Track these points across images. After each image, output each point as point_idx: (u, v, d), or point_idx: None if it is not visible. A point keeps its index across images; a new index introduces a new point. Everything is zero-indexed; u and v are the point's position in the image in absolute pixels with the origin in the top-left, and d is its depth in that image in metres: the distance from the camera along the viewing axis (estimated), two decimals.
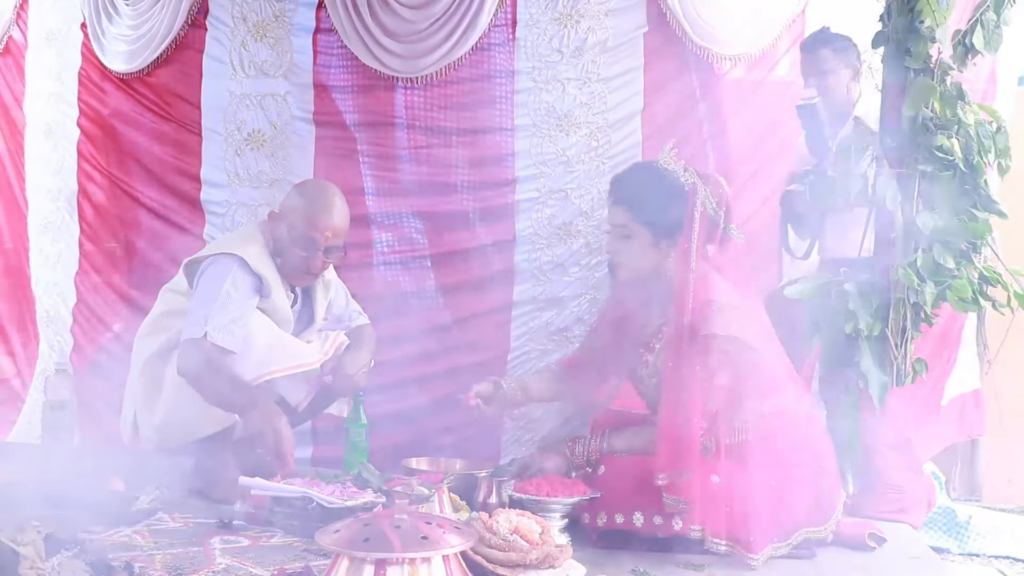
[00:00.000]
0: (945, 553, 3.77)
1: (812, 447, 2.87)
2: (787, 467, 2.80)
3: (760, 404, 2.79)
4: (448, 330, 4.45)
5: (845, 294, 3.34)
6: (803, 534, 2.79)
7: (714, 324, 2.76)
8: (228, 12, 4.66)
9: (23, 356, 5.11)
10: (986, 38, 3.31)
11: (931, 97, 3.29)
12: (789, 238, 4.04)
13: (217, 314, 3.13)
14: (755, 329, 2.83)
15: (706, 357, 2.75)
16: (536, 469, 3.03)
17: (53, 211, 5.00)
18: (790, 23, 4.19)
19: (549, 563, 2.43)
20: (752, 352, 2.79)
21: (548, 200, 4.36)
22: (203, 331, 3.11)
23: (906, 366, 3.35)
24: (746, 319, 2.82)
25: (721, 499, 2.73)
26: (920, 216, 3.29)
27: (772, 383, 2.84)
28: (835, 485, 2.89)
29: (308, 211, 3.29)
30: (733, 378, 2.76)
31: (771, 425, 2.81)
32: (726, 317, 2.78)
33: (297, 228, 3.29)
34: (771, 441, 2.79)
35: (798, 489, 2.80)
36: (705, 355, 2.76)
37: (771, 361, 2.86)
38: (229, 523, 2.90)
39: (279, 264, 3.35)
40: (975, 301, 3.33)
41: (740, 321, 2.80)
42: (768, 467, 2.78)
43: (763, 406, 2.80)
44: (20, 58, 5.10)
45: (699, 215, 2.87)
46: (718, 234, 2.90)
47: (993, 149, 3.31)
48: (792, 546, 2.77)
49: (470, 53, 4.39)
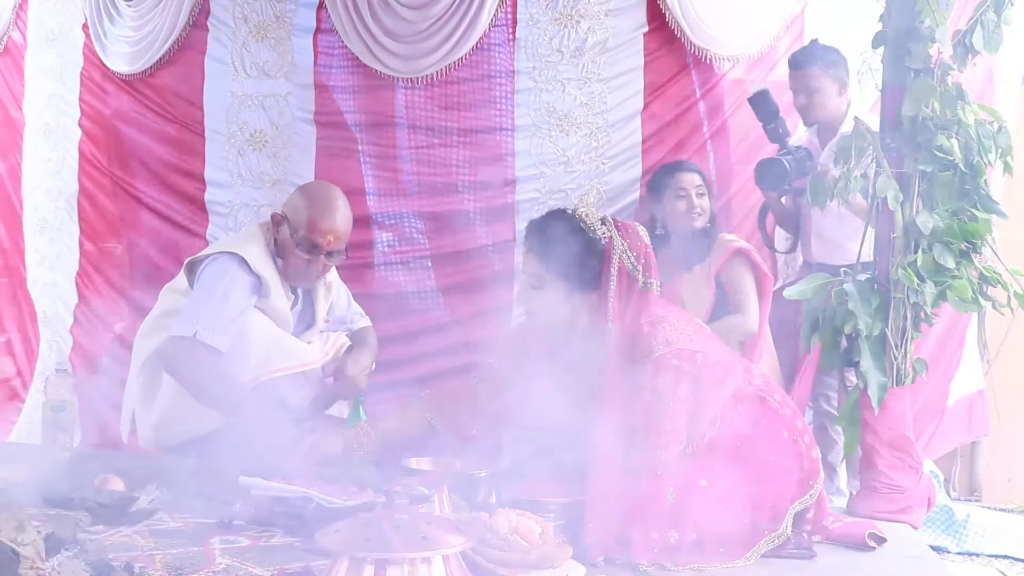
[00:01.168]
0: (943, 552, 3.77)
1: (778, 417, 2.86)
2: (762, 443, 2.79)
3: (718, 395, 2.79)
4: (448, 330, 4.45)
5: (845, 294, 3.34)
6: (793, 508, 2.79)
7: (655, 346, 2.73)
8: (229, 13, 4.68)
9: (23, 356, 5.12)
10: (986, 38, 3.30)
11: (931, 97, 3.28)
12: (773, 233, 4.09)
13: (209, 313, 3.13)
14: (688, 329, 2.83)
15: (658, 378, 2.71)
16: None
17: (52, 211, 5.01)
18: (789, 24, 4.21)
19: (549, 563, 2.43)
20: (698, 354, 2.78)
21: (548, 200, 4.37)
22: (193, 329, 3.10)
23: (906, 366, 3.35)
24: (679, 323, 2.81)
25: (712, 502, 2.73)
26: (920, 216, 3.29)
27: (723, 371, 2.83)
28: (811, 445, 2.87)
29: (311, 214, 3.27)
30: (691, 386, 2.75)
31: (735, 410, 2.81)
32: (662, 332, 2.75)
33: (300, 231, 3.27)
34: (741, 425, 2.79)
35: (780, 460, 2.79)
36: (657, 377, 2.72)
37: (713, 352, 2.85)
38: (229, 523, 2.90)
39: (281, 265, 3.34)
40: (975, 301, 3.33)
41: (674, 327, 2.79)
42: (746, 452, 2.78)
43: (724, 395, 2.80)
44: (19, 58, 5.12)
45: (616, 271, 2.79)
46: (636, 288, 2.81)
47: (994, 149, 3.31)
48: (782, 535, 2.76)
49: (470, 53, 4.40)
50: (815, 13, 4.20)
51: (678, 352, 2.74)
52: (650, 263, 2.84)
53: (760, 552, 2.71)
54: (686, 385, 2.74)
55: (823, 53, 3.91)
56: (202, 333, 3.10)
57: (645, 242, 2.86)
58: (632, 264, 2.81)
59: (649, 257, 2.85)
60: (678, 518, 2.70)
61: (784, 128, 3.81)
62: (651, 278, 2.84)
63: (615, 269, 2.79)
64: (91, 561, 2.15)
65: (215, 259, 3.24)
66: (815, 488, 2.84)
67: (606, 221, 2.87)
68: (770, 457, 2.79)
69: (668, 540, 2.67)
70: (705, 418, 2.77)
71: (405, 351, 4.40)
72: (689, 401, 2.74)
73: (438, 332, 4.45)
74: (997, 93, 4.11)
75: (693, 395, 2.75)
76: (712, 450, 2.77)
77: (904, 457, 3.36)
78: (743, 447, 2.79)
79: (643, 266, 2.82)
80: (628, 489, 2.70)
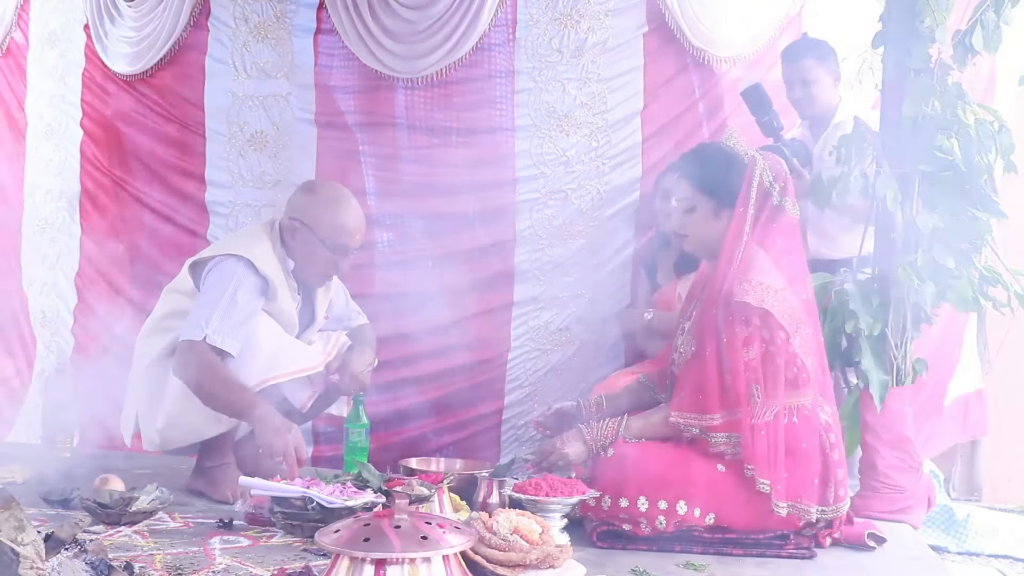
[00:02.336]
0: (943, 552, 3.77)
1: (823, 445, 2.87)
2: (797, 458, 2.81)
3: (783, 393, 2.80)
4: (449, 330, 4.45)
5: (845, 294, 3.34)
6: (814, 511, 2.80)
7: (748, 295, 2.81)
8: (230, 13, 4.68)
9: (22, 356, 5.12)
10: (986, 38, 3.31)
11: (931, 97, 3.29)
12: None
13: (218, 317, 3.13)
14: (788, 311, 2.85)
15: (733, 325, 2.82)
16: (558, 455, 3.03)
17: (53, 212, 5.02)
18: (786, 24, 4.21)
19: (549, 563, 2.43)
20: (782, 332, 2.81)
21: (548, 200, 4.37)
22: (202, 333, 3.10)
23: (906, 366, 3.35)
24: (783, 302, 2.84)
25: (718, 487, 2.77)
26: (920, 216, 3.29)
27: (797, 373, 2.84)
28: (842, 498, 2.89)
29: (336, 218, 3.30)
30: (764, 356, 2.79)
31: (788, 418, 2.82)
32: (761, 293, 2.82)
33: (327, 234, 3.29)
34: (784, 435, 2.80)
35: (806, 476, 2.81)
36: (732, 322, 2.82)
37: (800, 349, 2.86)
38: (229, 523, 2.90)
39: (295, 267, 3.35)
40: (975, 301, 3.34)
41: (776, 299, 2.83)
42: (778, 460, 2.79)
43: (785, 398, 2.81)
44: (21, 59, 5.12)
45: (756, 184, 2.97)
46: (769, 203, 2.97)
47: (994, 149, 3.31)
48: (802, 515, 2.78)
49: (470, 53, 4.40)
50: (812, 14, 4.20)
51: (764, 313, 2.82)
52: (787, 186, 3.01)
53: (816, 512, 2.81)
54: (756, 348, 2.79)
55: (815, 45, 3.92)
56: (212, 336, 3.11)
57: (785, 168, 3.05)
58: (771, 182, 2.99)
59: (787, 181, 3.02)
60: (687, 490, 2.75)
61: (778, 121, 3.81)
62: (787, 196, 3.00)
63: (756, 183, 2.98)
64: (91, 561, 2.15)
65: (221, 261, 3.23)
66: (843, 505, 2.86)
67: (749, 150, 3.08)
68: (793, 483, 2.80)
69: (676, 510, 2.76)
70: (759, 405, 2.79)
71: (405, 351, 4.40)
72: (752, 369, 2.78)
73: (438, 332, 4.45)
74: (997, 93, 4.11)
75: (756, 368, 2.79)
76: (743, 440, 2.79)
77: (904, 457, 3.36)
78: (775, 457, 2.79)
79: (781, 186, 3.00)
80: None
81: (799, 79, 3.93)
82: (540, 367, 4.39)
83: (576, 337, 4.37)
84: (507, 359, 4.42)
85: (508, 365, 4.42)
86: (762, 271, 2.87)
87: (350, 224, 3.31)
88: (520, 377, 4.42)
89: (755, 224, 2.96)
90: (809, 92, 3.93)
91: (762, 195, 2.98)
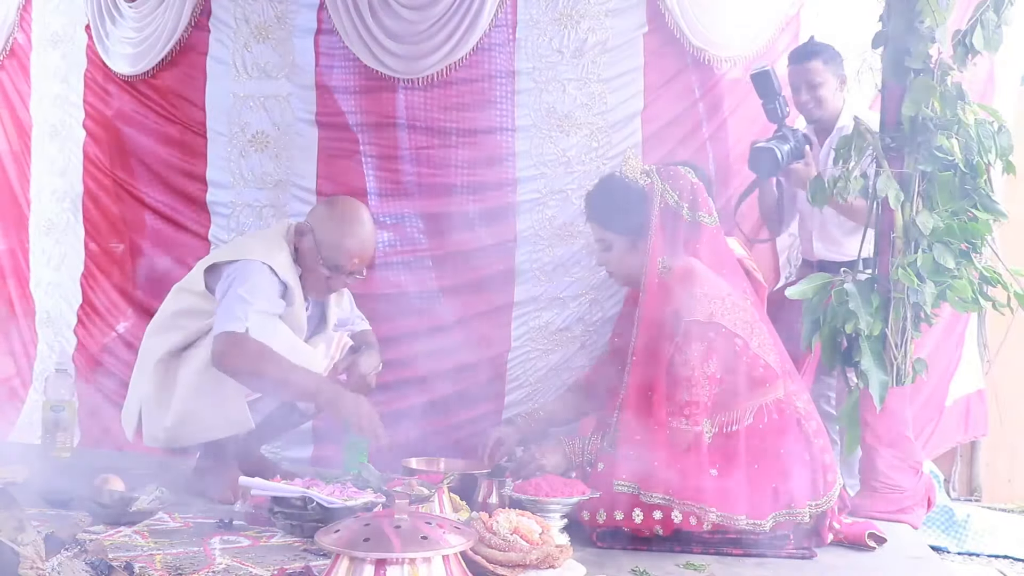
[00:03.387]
0: (943, 552, 3.77)
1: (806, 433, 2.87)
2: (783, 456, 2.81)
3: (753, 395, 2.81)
4: (449, 330, 4.45)
5: (845, 294, 3.34)
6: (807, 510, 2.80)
7: (696, 312, 2.80)
8: (230, 14, 4.68)
9: (23, 356, 5.13)
10: (986, 38, 3.30)
11: (931, 97, 3.29)
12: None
13: (255, 311, 3.17)
14: (740, 316, 2.85)
15: (689, 343, 2.80)
16: (535, 466, 3.04)
17: (58, 212, 5.03)
18: (785, 25, 4.21)
19: (549, 563, 2.43)
20: (738, 339, 2.80)
21: (549, 201, 4.36)
22: (244, 325, 3.13)
23: (906, 366, 3.35)
24: (731, 308, 2.84)
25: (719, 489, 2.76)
26: (920, 216, 3.29)
27: (763, 372, 2.85)
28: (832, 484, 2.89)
29: (338, 235, 3.33)
30: (722, 368, 2.79)
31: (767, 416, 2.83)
32: (708, 306, 2.81)
33: (325, 249, 3.32)
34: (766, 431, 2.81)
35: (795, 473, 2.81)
36: (688, 340, 2.80)
37: (761, 349, 2.87)
38: (229, 523, 2.91)
39: (300, 275, 3.38)
40: (975, 301, 3.34)
41: (724, 308, 2.82)
42: (764, 457, 2.79)
43: (757, 397, 2.81)
44: (25, 60, 5.13)
45: (659, 210, 2.97)
46: (682, 222, 2.98)
47: (994, 149, 3.31)
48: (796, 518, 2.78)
49: (471, 54, 4.40)
50: (811, 14, 4.19)
51: (716, 327, 2.81)
52: (697, 199, 3.00)
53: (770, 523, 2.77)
54: (717, 362, 2.79)
55: (822, 48, 3.91)
56: (253, 329, 3.13)
57: (690, 180, 3.03)
58: (675, 200, 2.98)
59: (697, 193, 3.01)
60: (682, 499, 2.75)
61: (783, 109, 3.80)
62: (700, 211, 2.99)
63: (658, 209, 2.98)
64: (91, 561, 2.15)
65: (247, 264, 3.26)
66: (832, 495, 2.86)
67: (648, 172, 3.07)
68: (785, 479, 2.80)
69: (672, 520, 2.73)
70: (734, 410, 2.80)
71: (406, 351, 4.40)
72: (716, 383, 2.78)
73: (439, 333, 4.46)
74: (997, 93, 4.11)
75: (722, 378, 2.79)
76: (732, 445, 2.80)
77: (904, 457, 3.36)
78: (762, 456, 2.80)
79: (689, 202, 2.99)
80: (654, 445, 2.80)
81: (806, 82, 3.92)
82: (541, 367, 4.38)
83: (577, 337, 4.36)
84: (507, 359, 4.42)
85: (508, 365, 4.41)
86: (704, 282, 2.88)
87: (350, 245, 3.33)
88: (520, 377, 4.42)
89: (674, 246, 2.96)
90: (816, 95, 3.92)
91: (670, 217, 2.98)
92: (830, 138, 3.94)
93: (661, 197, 2.98)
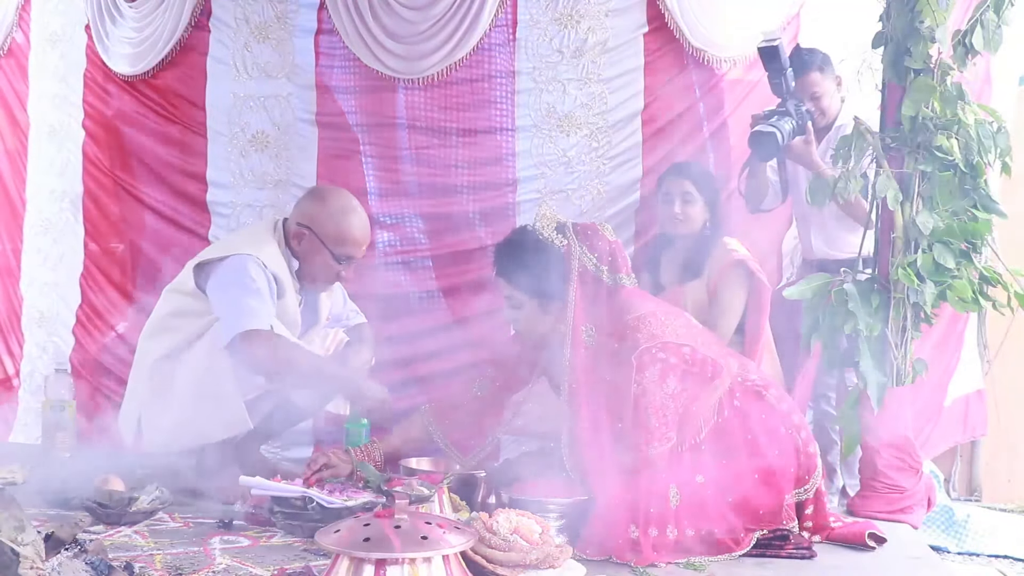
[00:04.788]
0: (943, 552, 3.77)
1: (776, 411, 2.87)
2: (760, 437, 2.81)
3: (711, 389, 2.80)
4: (449, 330, 4.45)
5: (845, 294, 3.34)
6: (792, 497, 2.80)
7: (640, 342, 2.76)
8: (231, 14, 4.68)
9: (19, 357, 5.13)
10: (986, 38, 3.30)
11: (931, 97, 3.28)
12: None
13: (265, 306, 3.18)
14: (676, 324, 2.84)
15: (643, 371, 2.74)
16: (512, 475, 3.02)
17: (56, 212, 5.02)
18: (785, 25, 4.20)
19: (549, 563, 2.43)
20: (686, 347, 2.79)
21: (549, 201, 4.35)
22: (268, 323, 3.14)
23: (906, 366, 3.35)
24: (666, 318, 2.83)
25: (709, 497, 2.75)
26: (920, 216, 3.29)
27: (714, 367, 2.84)
28: (808, 440, 2.88)
29: (343, 228, 3.34)
30: (679, 381, 2.76)
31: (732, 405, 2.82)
32: (647, 327, 2.78)
33: (332, 243, 3.34)
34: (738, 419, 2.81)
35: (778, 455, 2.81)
36: (642, 369, 2.74)
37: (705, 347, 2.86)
38: (229, 523, 2.91)
39: (298, 268, 3.38)
40: (975, 301, 3.33)
41: (661, 322, 2.80)
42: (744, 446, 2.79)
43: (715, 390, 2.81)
44: (23, 60, 5.12)
45: (576, 276, 2.85)
46: (603, 288, 2.87)
47: (993, 149, 3.31)
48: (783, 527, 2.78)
49: (471, 54, 4.40)
50: (810, 14, 4.19)
51: (664, 345, 2.76)
52: (617, 259, 2.87)
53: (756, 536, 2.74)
54: (674, 379, 2.75)
55: (812, 56, 3.88)
56: (277, 326, 3.17)
57: (608, 239, 2.88)
58: (595, 264, 2.85)
59: (615, 253, 2.87)
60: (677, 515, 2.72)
61: (789, 84, 3.73)
62: (620, 273, 2.86)
63: (575, 274, 2.83)
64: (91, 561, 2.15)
65: (237, 259, 3.25)
66: (812, 482, 2.86)
67: (563, 228, 2.90)
68: (767, 453, 2.81)
69: (667, 536, 2.69)
70: (699, 415, 2.79)
71: (406, 351, 4.40)
72: (678, 397, 2.75)
73: (439, 332, 4.46)
74: (996, 93, 4.10)
75: (682, 390, 2.76)
76: (708, 445, 2.79)
77: (904, 457, 3.36)
78: (740, 442, 2.81)
79: (608, 264, 2.86)
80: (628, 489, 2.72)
81: (808, 93, 3.89)
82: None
83: None
84: None
85: None
86: (629, 308, 2.83)
87: (356, 235, 3.36)
88: None
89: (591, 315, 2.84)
90: (820, 106, 3.90)
91: (590, 283, 2.86)
92: (827, 137, 3.93)
93: (579, 261, 2.85)
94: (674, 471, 2.75)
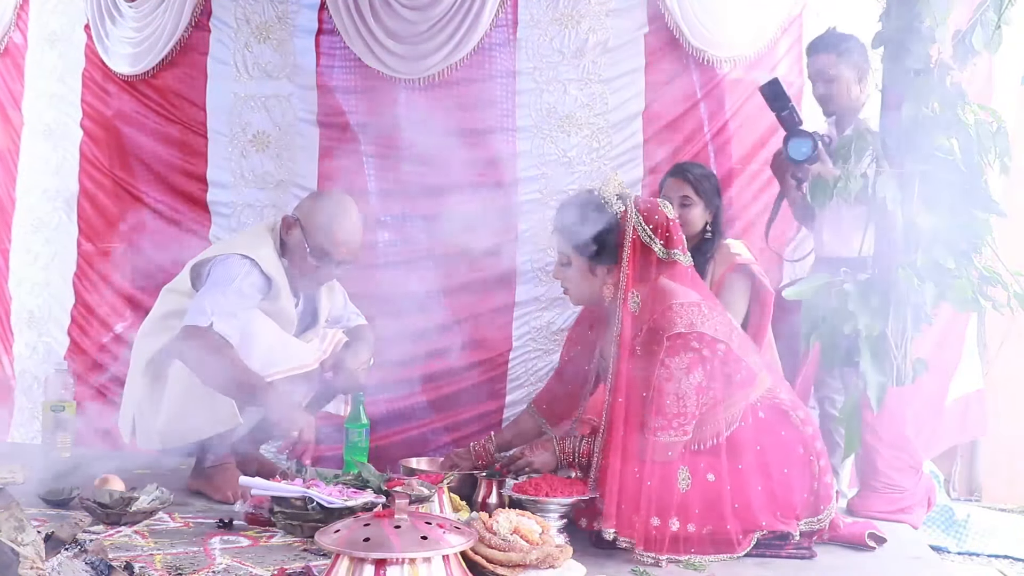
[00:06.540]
0: (943, 552, 3.77)
1: (798, 433, 2.87)
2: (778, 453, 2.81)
3: (740, 397, 2.81)
4: (450, 330, 4.45)
5: (845, 294, 3.33)
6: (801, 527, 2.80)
7: (677, 324, 2.76)
8: (231, 14, 4.69)
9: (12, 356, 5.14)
10: (986, 38, 3.30)
11: (931, 97, 3.28)
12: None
13: (224, 304, 3.15)
14: (719, 321, 2.84)
15: (674, 355, 2.75)
16: (524, 463, 3.03)
17: (48, 212, 5.03)
18: (787, 25, 4.20)
19: (549, 563, 2.43)
20: (720, 344, 2.79)
21: (550, 201, 4.37)
22: (208, 320, 3.11)
23: (906, 366, 3.35)
24: (710, 312, 2.83)
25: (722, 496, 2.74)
26: (920, 216, 3.29)
27: (748, 374, 2.84)
28: (826, 470, 2.88)
29: (326, 224, 3.31)
30: (707, 375, 2.77)
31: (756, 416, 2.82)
32: (688, 315, 2.78)
33: (313, 238, 3.31)
34: (759, 431, 2.80)
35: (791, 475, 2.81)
36: (673, 354, 2.75)
37: (741, 351, 2.86)
38: (229, 523, 2.91)
39: (288, 267, 3.37)
40: (975, 301, 3.33)
41: (703, 314, 2.80)
42: (759, 457, 2.79)
43: (743, 397, 2.81)
44: (20, 59, 5.13)
45: (630, 243, 2.89)
46: (653, 259, 2.90)
47: (993, 149, 3.31)
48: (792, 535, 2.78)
49: (472, 54, 4.41)
50: (813, 14, 4.19)
51: (700, 336, 2.76)
52: (673, 236, 2.91)
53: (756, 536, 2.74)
54: (701, 371, 2.75)
55: (838, 40, 3.81)
56: (217, 324, 3.12)
57: (666, 215, 2.93)
58: (649, 236, 2.89)
59: (671, 230, 2.92)
60: (681, 507, 2.72)
61: (798, 115, 3.71)
62: (675, 248, 2.91)
63: (629, 241, 2.88)
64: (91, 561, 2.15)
65: (227, 257, 3.26)
66: (826, 513, 2.84)
67: (623, 196, 2.95)
68: (783, 469, 2.80)
69: (669, 527, 2.70)
70: (723, 415, 2.79)
71: (407, 351, 4.39)
72: (703, 391, 2.76)
73: (440, 332, 4.46)
74: (996, 93, 4.10)
75: (708, 386, 2.76)
76: (725, 448, 2.79)
77: (904, 457, 3.36)
78: (757, 453, 2.80)
79: (664, 239, 2.90)
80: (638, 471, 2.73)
81: (821, 75, 3.84)
82: (541, 367, 4.39)
83: None
84: (508, 359, 4.42)
85: (509, 365, 4.42)
86: (676, 294, 2.83)
87: (338, 234, 3.31)
88: (521, 377, 4.42)
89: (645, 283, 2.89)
90: (831, 89, 3.85)
91: (641, 253, 2.90)
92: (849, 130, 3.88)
93: (634, 229, 2.89)
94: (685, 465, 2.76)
